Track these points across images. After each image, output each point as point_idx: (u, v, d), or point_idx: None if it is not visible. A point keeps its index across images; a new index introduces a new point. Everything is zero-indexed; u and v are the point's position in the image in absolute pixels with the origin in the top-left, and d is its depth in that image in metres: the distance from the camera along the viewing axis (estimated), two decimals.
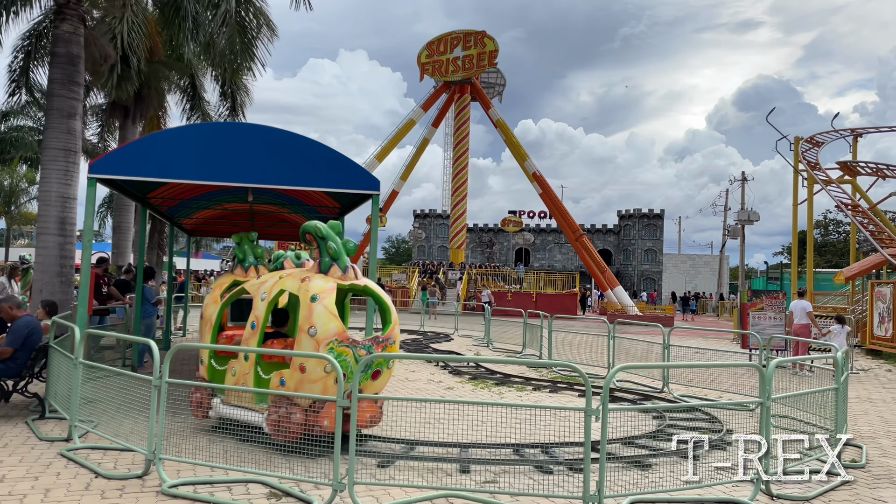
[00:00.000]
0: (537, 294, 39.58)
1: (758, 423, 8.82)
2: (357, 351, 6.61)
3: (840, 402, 6.95)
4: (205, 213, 17.12)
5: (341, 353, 6.50)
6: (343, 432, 5.48)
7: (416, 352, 16.61)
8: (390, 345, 7.03)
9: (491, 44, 43.91)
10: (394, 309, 7.34)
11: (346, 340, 6.57)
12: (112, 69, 20.56)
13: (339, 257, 7.11)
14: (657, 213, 75.62)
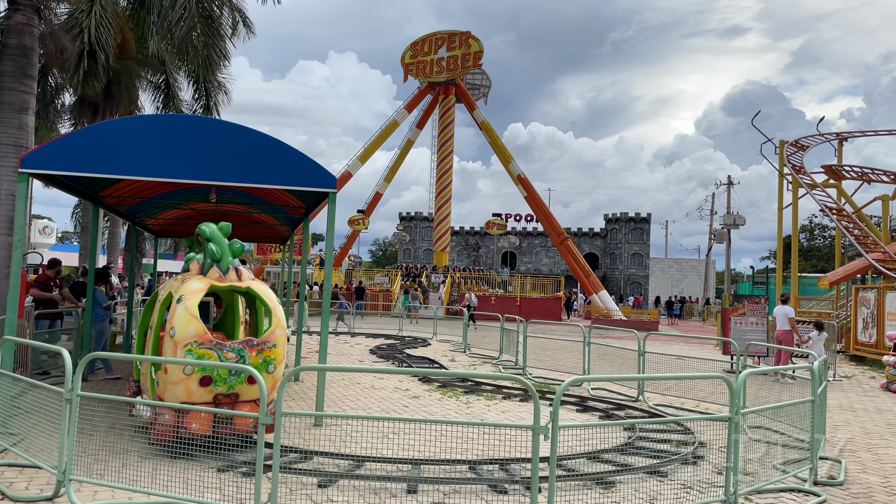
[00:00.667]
0: (521, 298, 39.16)
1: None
2: (223, 354, 6.53)
3: (817, 414, 6.51)
4: (170, 213, 16.55)
5: (203, 356, 6.44)
6: (220, 435, 5.74)
7: (389, 357, 16.11)
8: (268, 348, 6.82)
9: (476, 45, 43.50)
10: (279, 312, 7.12)
11: (207, 342, 6.49)
12: (78, 64, 20.00)
13: (221, 258, 7.10)
14: (644, 217, 75.48)
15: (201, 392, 6.52)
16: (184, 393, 6.46)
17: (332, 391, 10.93)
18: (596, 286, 40.33)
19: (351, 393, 10.85)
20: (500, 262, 76.74)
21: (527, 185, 42.69)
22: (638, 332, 11.91)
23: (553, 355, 14.47)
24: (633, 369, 11.40)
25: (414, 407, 9.82)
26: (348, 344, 19.69)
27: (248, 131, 8.14)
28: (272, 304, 7.17)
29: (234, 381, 6.60)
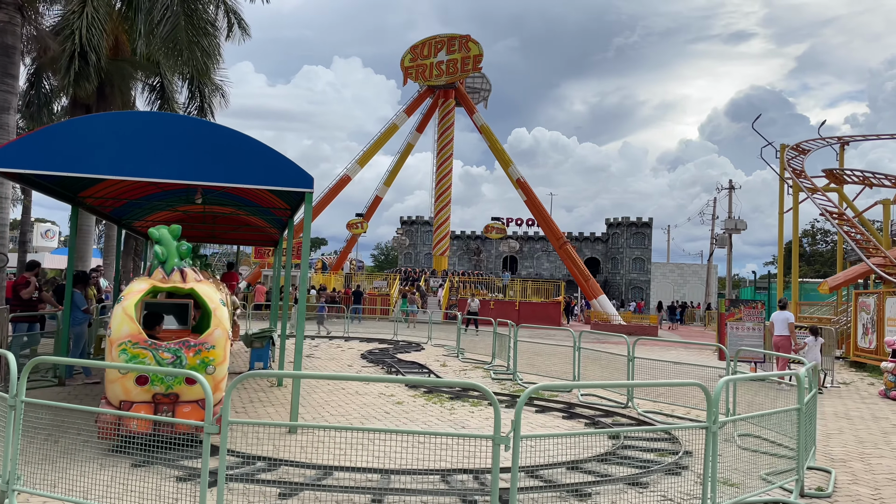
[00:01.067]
0: (520, 303, 38.87)
1: (724, 442, 8.14)
2: (159, 354, 6.72)
3: (803, 424, 6.25)
4: (158, 215, 16.37)
5: (137, 355, 6.66)
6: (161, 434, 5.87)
7: (379, 362, 15.85)
8: (207, 349, 6.91)
9: (475, 48, 43.29)
10: (219, 313, 7.20)
11: (141, 342, 6.69)
12: (69, 65, 19.85)
13: (167, 260, 7.35)
14: (645, 222, 75.16)
15: (139, 391, 6.68)
16: (122, 391, 6.64)
17: (316, 396, 10.69)
18: (595, 291, 40.04)
19: (334, 399, 10.60)
20: (501, 266, 76.46)
21: (526, 188, 42.42)
22: (628, 337, 11.63)
23: (547, 360, 14.20)
24: (624, 375, 11.13)
25: (395, 413, 9.57)
26: (341, 348, 19.45)
27: (225, 130, 7.93)
28: (213, 305, 7.24)
29: (172, 381, 6.75)
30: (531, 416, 9.84)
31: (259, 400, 10.15)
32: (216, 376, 6.93)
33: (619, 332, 35.50)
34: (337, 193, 43.75)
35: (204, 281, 7.62)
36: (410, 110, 46.80)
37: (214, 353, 6.93)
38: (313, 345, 20.25)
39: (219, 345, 6.97)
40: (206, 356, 6.88)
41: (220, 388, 7.02)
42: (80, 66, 19.61)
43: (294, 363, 8.17)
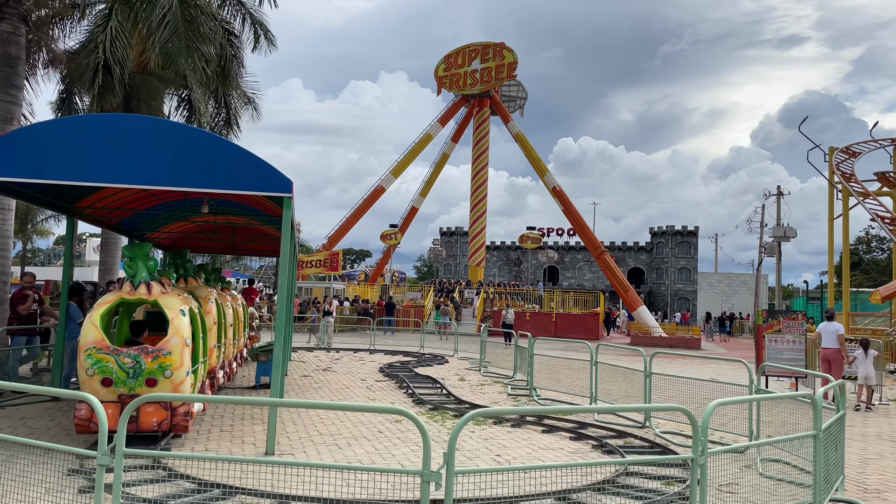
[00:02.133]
0: (557, 314, 37.90)
1: (744, 469, 7.32)
2: (121, 359, 7.36)
3: (821, 452, 5.44)
4: (175, 226, 16.21)
5: (101, 360, 7.31)
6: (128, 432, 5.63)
7: (393, 377, 15.27)
8: (164, 355, 7.49)
9: (510, 55, 42.71)
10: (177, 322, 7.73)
11: (105, 348, 7.35)
12: (94, 78, 19.99)
13: (135, 275, 7.86)
14: (691, 231, 73.16)
15: (105, 391, 7.31)
16: (91, 391, 7.09)
17: (313, 414, 10.20)
18: (635, 302, 38.81)
19: (329, 416, 10.09)
20: (542, 277, 75.42)
21: (562, 197, 41.52)
22: (645, 350, 10.82)
23: (563, 374, 13.42)
24: (642, 391, 10.32)
25: (388, 432, 8.99)
26: (362, 361, 18.99)
27: (197, 132, 7.57)
28: (172, 314, 7.76)
29: (134, 383, 7.40)
30: (536, 436, 9.15)
31: (250, 417, 9.70)
32: (174, 380, 7.50)
33: (659, 345, 34.23)
34: (371, 204, 43.59)
35: (170, 294, 8.11)
36: (445, 120, 46.42)
37: (171, 358, 7.50)
38: (335, 357, 19.86)
39: (175, 351, 7.53)
40: (162, 361, 7.46)
41: (180, 391, 7.56)
42: (104, 79, 19.79)
43: (272, 386, 7.63)
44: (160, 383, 7.46)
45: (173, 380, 7.48)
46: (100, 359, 7.30)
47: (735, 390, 9.53)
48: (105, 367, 7.30)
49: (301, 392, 12.41)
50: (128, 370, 7.33)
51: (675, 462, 7.25)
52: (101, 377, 7.29)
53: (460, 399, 11.77)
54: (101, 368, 7.30)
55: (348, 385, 13.73)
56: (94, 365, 7.29)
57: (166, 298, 7.95)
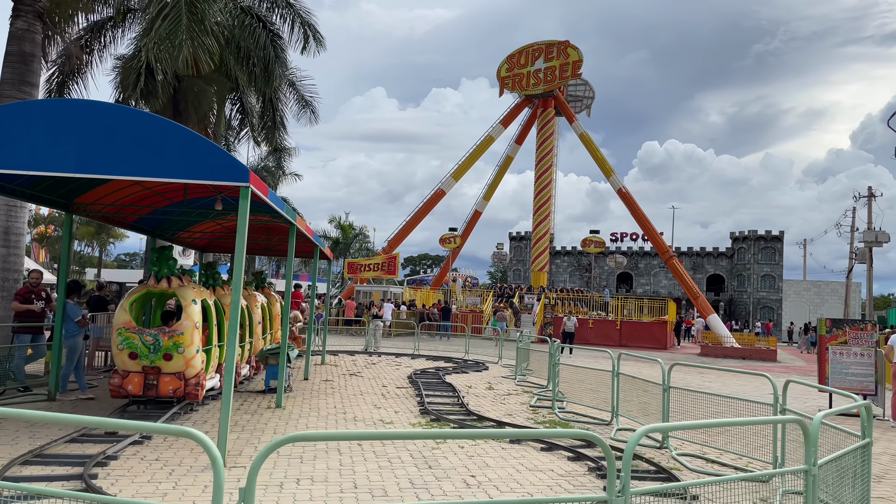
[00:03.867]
0: (622, 322, 36.26)
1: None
2: (144, 337, 9.02)
3: (812, 490, 4.35)
4: (203, 227, 16.07)
5: (129, 337, 8.99)
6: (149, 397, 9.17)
7: (415, 384, 14.54)
8: (177, 335, 9.04)
9: (574, 54, 41.33)
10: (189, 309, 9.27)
11: (132, 328, 9.05)
12: (136, 82, 20.25)
13: (158, 271, 9.59)
14: (775, 235, 69.17)
15: (132, 363, 9.00)
16: (121, 363, 9.08)
17: (308, 420, 9.62)
18: (706, 309, 36.72)
19: (330, 425, 9.48)
20: (615, 283, 73.11)
21: (628, 199, 39.78)
22: (663, 358, 9.66)
23: (588, 387, 12.32)
24: (659, 409, 9.19)
25: (373, 448, 8.26)
26: (398, 366, 18.37)
27: (143, 116, 7.09)
28: (185, 303, 9.35)
29: (154, 357, 9.00)
30: (531, 454, 8.22)
31: (242, 426, 9.19)
32: (186, 356, 9.08)
33: (730, 356, 32.15)
34: (431, 208, 43.09)
35: (186, 286, 9.63)
36: (507, 121, 45.42)
37: (183, 338, 9.07)
38: (373, 362, 19.33)
39: (187, 332, 9.09)
40: (176, 340, 9.03)
41: (190, 365, 9.15)
42: (146, 82, 20.02)
43: (223, 401, 7.02)
44: (174, 358, 9.02)
45: (185, 355, 9.06)
46: (127, 336, 8.97)
47: (758, 409, 8.28)
48: (131, 343, 8.96)
49: (308, 398, 11.88)
50: (149, 346, 8.99)
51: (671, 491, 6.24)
52: (128, 351, 8.97)
53: (470, 411, 10.92)
54: (129, 344, 8.96)
55: (364, 391, 13.11)
56: (124, 341, 8.97)
57: (182, 290, 9.50)
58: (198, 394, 9.23)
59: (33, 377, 11.55)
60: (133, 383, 8.98)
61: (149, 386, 9.03)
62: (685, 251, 73.89)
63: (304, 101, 31.58)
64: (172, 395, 9.12)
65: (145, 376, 9.03)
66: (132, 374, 9.02)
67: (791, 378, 7.26)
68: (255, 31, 21.65)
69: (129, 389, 8.98)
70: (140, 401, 9.41)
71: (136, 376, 8.99)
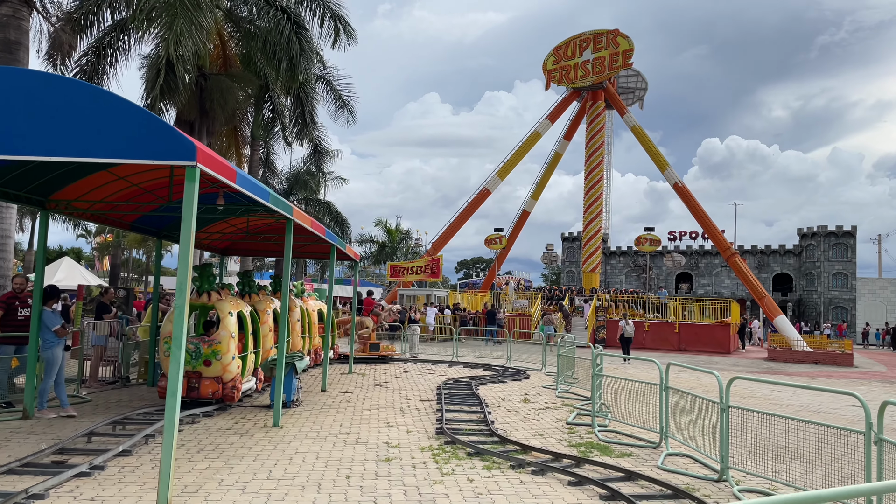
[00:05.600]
0: (680, 324, 34.00)
1: None
2: (187, 345, 9.54)
3: None
4: (215, 227, 15.04)
5: None
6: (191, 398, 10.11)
7: (447, 395, 13.11)
8: (215, 343, 10.04)
9: (625, 42, 39.23)
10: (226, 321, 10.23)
11: None
12: (156, 78, 19.49)
13: (199, 286, 10.68)
14: (847, 231, 65.02)
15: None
16: (167, 367, 8.88)
17: (305, 442, 8.33)
18: (773, 310, 34.15)
19: (315, 448, 8.17)
20: (674, 284, 70.12)
21: (685, 194, 37.45)
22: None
23: (630, 401, 10.65)
24: (716, 429, 7.51)
25: (362, 483, 6.88)
26: (431, 375, 16.99)
27: (56, 80, 5.87)
28: (222, 315, 10.34)
29: (196, 363, 10.04)
30: (555, 489, 6.69)
31: (221, 450, 7.96)
32: (223, 362, 10.10)
33: (801, 360, 29.58)
34: (476, 208, 41.58)
35: (224, 300, 10.64)
36: (554, 116, 43.55)
37: (220, 346, 10.09)
38: (404, 370, 18.01)
39: (224, 341, 10.14)
40: (215, 348, 10.08)
41: (227, 370, 10.20)
42: (167, 78, 19.23)
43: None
44: (213, 364, 10.09)
45: (223, 361, 10.14)
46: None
47: (844, 437, 6.50)
48: None
49: (315, 414, 10.60)
50: (191, 353, 10.00)
51: None
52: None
53: (493, 431, 9.43)
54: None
55: (382, 406, 11.76)
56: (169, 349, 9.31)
57: (220, 304, 10.53)
58: (234, 396, 10.33)
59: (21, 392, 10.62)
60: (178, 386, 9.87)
61: (191, 388, 10.07)
62: (749, 249, 70.29)
63: (341, 100, 30.70)
64: (212, 396, 10.17)
65: (188, 380, 10.03)
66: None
67: (889, 400, 5.54)
68: (280, 23, 20.69)
69: None
70: (184, 401, 9.84)
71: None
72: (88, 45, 20.32)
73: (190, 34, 12.52)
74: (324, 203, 42.93)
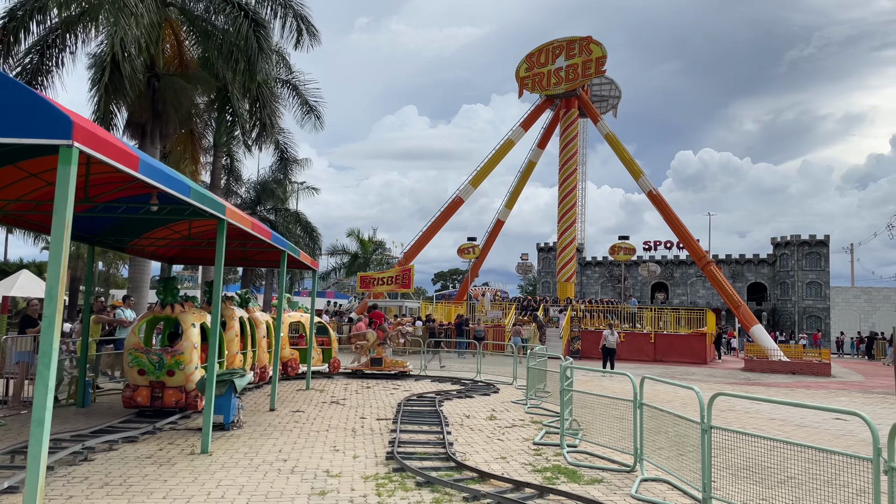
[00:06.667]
0: (656, 335, 33.33)
1: None
2: (150, 356, 10.57)
3: None
4: (159, 233, 13.90)
5: (138, 356, 10.57)
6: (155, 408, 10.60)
7: (405, 415, 12.10)
8: (178, 354, 10.56)
9: (598, 49, 38.73)
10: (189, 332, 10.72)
11: (140, 349, 10.70)
12: (101, 77, 18.35)
13: (164, 298, 11.21)
14: (820, 240, 65.20)
15: (141, 378, 10.50)
16: (132, 378, 10.57)
17: (231, 472, 7.27)
18: (748, 319, 33.60)
19: (252, 480, 7.12)
20: (648, 294, 69.74)
21: (660, 202, 36.89)
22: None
23: (603, 419, 9.72)
24: (692, 449, 6.61)
25: None
26: (394, 391, 15.95)
27: None
28: (185, 327, 10.76)
29: (159, 373, 10.50)
30: None
31: (129, 485, 6.87)
32: (186, 372, 10.47)
33: (777, 370, 28.96)
34: (448, 217, 40.66)
35: (187, 311, 11.03)
36: (527, 124, 42.85)
37: (182, 357, 10.49)
38: (366, 385, 16.96)
39: (187, 352, 10.53)
40: (178, 358, 10.47)
41: (190, 380, 10.53)
42: (112, 77, 18.08)
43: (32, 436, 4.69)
44: (176, 374, 10.47)
45: (185, 371, 10.51)
46: (136, 356, 10.51)
47: (847, 464, 5.59)
48: (140, 361, 10.50)
49: (254, 437, 9.53)
50: (155, 364, 10.44)
51: None
52: (137, 368, 10.51)
53: (450, 455, 8.43)
54: (138, 362, 10.49)
55: (333, 426, 10.72)
56: (133, 360, 10.50)
57: (183, 316, 10.95)
58: (197, 404, 10.55)
59: None
60: (142, 395, 10.47)
61: (155, 398, 10.46)
62: (723, 259, 70.21)
63: (307, 105, 29.66)
64: (175, 405, 10.51)
65: (152, 389, 10.48)
66: (141, 387, 10.51)
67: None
68: (238, 21, 19.66)
69: (138, 401, 10.45)
70: (148, 410, 10.61)
71: (144, 390, 10.49)
72: (31, 43, 19.18)
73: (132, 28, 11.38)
74: (293, 213, 41.77)
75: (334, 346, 19.97)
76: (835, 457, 5.63)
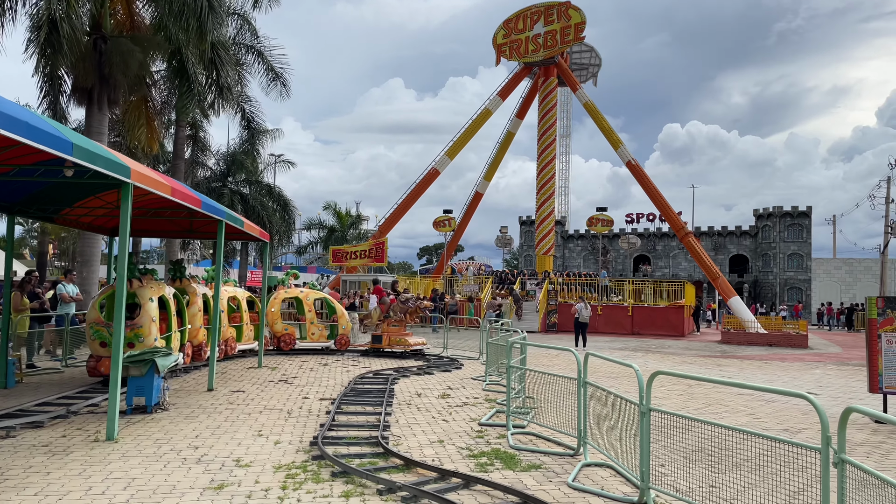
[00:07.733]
0: (634, 307, 32.84)
1: None
2: (110, 329, 10.77)
3: None
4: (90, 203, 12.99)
5: (99, 330, 11.18)
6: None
7: (352, 394, 11.40)
8: (137, 327, 11.05)
9: (577, 15, 37.63)
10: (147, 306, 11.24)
11: (100, 322, 11.25)
12: (38, 37, 17.26)
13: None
14: (802, 211, 64.88)
15: (103, 350, 11.23)
16: (95, 350, 11.38)
17: (135, 466, 6.54)
18: (727, 291, 33.15)
19: (147, 472, 6.39)
20: (630, 267, 69.37)
21: (638, 172, 36.17)
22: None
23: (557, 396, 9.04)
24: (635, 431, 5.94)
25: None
26: (351, 367, 15.25)
27: None
28: (142, 301, 11.27)
29: None
30: None
31: (4, 482, 6.12)
32: (145, 343, 10.93)
33: (755, 342, 28.57)
34: (424, 189, 39.74)
35: (145, 286, 11.51)
36: (505, 93, 41.80)
37: (142, 330, 11.11)
38: (324, 362, 16.24)
39: (145, 325, 11.15)
40: (137, 332, 11.06)
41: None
42: (49, 37, 17.02)
43: None
44: (136, 346, 10.78)
45: (145, 343, 10.92)
46: (98, 329, 11.17)
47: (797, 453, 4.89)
48: (101, 334, 11.14)
49: (174, 422, 8.80)
50: None
51: None
52: (98, 341, 11.19)
53: (379, 440, 7.72)
54: (99, 335, 11.16)
55: (269, 408, 10.00)
56: (95, 333, 11.19)
57: (141, 291, 11.35)
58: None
59: None
60: (104, 365, 11.07)
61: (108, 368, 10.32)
62: (705, 231, 69.84)
63: (273, 72, 28.54)
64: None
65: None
66: (103, 358, 11.12)
67: (853, 406, 3.96)
68: None
69: (101, 370, 11.12)
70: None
71: (106, 360, 10.96)
72: None
73: None
74: (265, 185, 40.78)
75: (341, 322, 19.11)
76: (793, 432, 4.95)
